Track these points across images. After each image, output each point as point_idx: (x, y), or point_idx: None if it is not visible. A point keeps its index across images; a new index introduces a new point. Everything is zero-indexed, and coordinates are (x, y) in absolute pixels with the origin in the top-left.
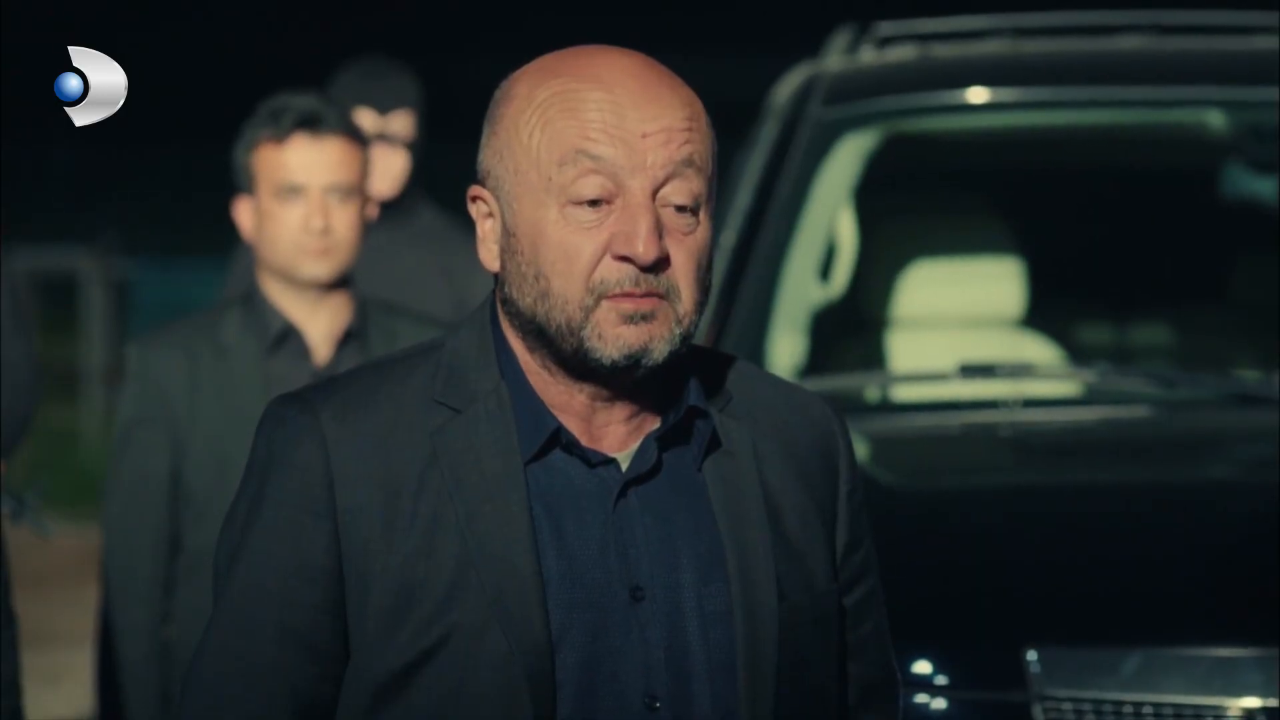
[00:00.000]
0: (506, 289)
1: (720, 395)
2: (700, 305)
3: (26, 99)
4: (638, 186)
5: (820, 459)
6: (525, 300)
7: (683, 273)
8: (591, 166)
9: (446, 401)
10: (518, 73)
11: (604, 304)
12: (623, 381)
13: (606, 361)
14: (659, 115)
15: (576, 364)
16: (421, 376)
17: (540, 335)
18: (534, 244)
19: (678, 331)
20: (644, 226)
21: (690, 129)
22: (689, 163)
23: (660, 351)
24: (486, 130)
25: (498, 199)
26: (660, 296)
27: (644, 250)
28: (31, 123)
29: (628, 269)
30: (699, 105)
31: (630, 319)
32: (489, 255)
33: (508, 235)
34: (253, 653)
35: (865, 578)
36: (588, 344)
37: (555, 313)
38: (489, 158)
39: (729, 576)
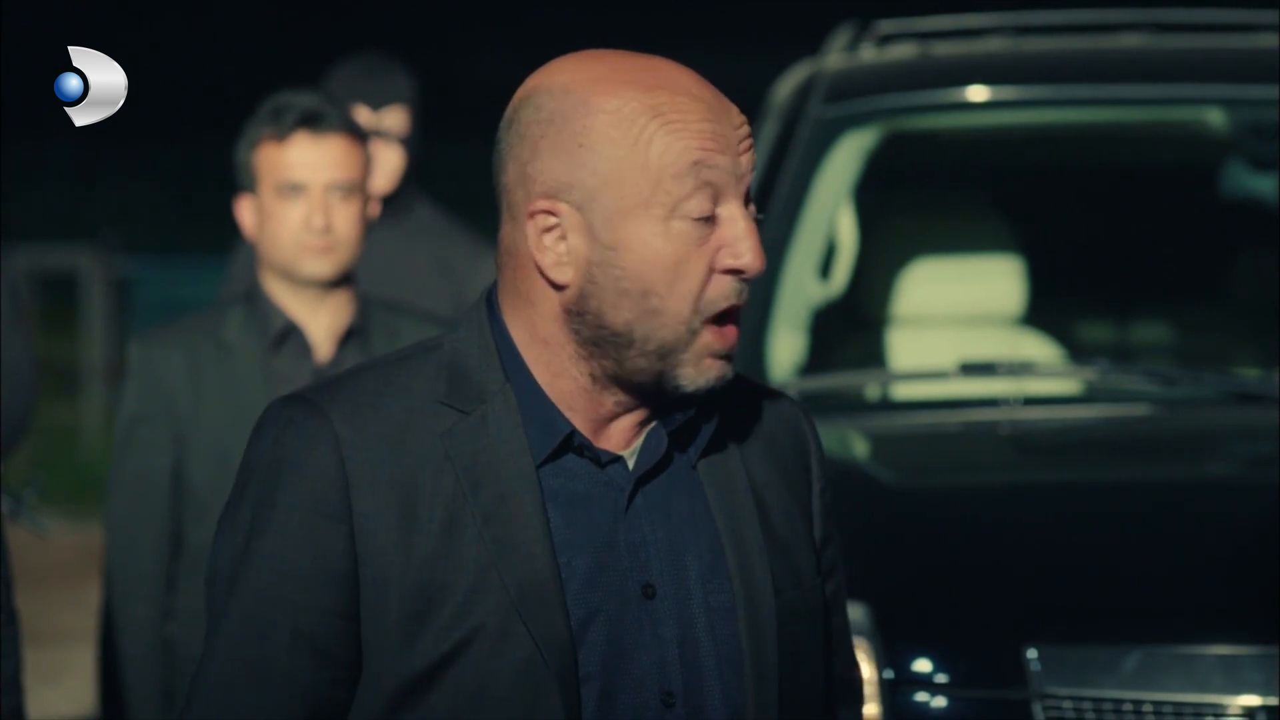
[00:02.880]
0: (586, 303)
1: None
2: None
3: (26, 97)
4: (737, 194)
5: (796, 456)
6: (620, 315)
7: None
8: (708, 177)
9: (452, 404)
10: (583, 83)
11: (706, 331)
12: (680, 402)
13: (690, 389)
14: (739, 120)
15: (648, 381)
16: (425, 378)
17: (622, 349)
18: (643, 259)
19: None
20: (755, 236)
21: (752, 135)
22: (754, 168)
23: (729, 378)
24: (558, 143)
25: (581, 212)
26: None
27: (754, 260)
28: (31, 120)
29: (733, 283)
30: None
31: (721, 355)
32: (559, 270)
33: (603, 249)
34: (265, 657)
35: (835, 573)
36: (679, 370)
37: (663, 331)
38: (567, 170)
39: (730, 573)
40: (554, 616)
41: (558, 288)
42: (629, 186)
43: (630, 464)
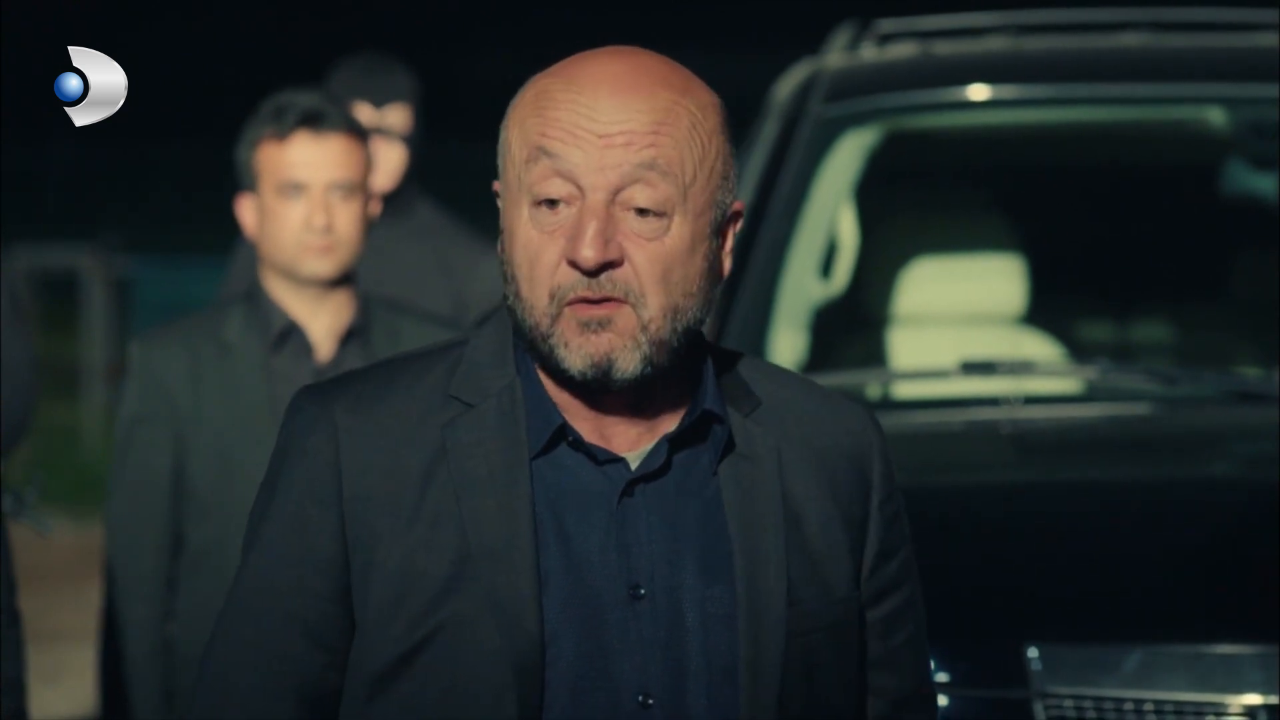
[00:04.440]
0: (503, 284)
1: (746, 399)
2: (675, 311)
3: (26, 97)
4: (592, 188)
5: (852, 468)
6: (510, 300)
7: (646, 277)
8: (551, 166)
9: (460, 396)
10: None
11: (565, 311)
12: (601, 390)
13: (574, 372)
14: (623, 118)
15: (553, 371)
16: (439, 372)
17: (521, 335)
18: (510, 244)
19: (644, 339)
20: (589, 230)
21: (657, 133)
22: (650, 166)
23: (627, 361)
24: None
25: (501, 194)
26: (619, 301)
27: (587, 254)
28: (31, 121)
29: (577, 274)
30: (682, 109)
31: (588, 326)
32: (499, 245)
33: (500, 232)
34: (262, 641)
35: (900, 588)
36: (557, 353)
37: (527, 317)
38: (498, 153)
39: (735, 579)
40: (525, 612)
41: None
42: (505, 171)
43: (634, 465)
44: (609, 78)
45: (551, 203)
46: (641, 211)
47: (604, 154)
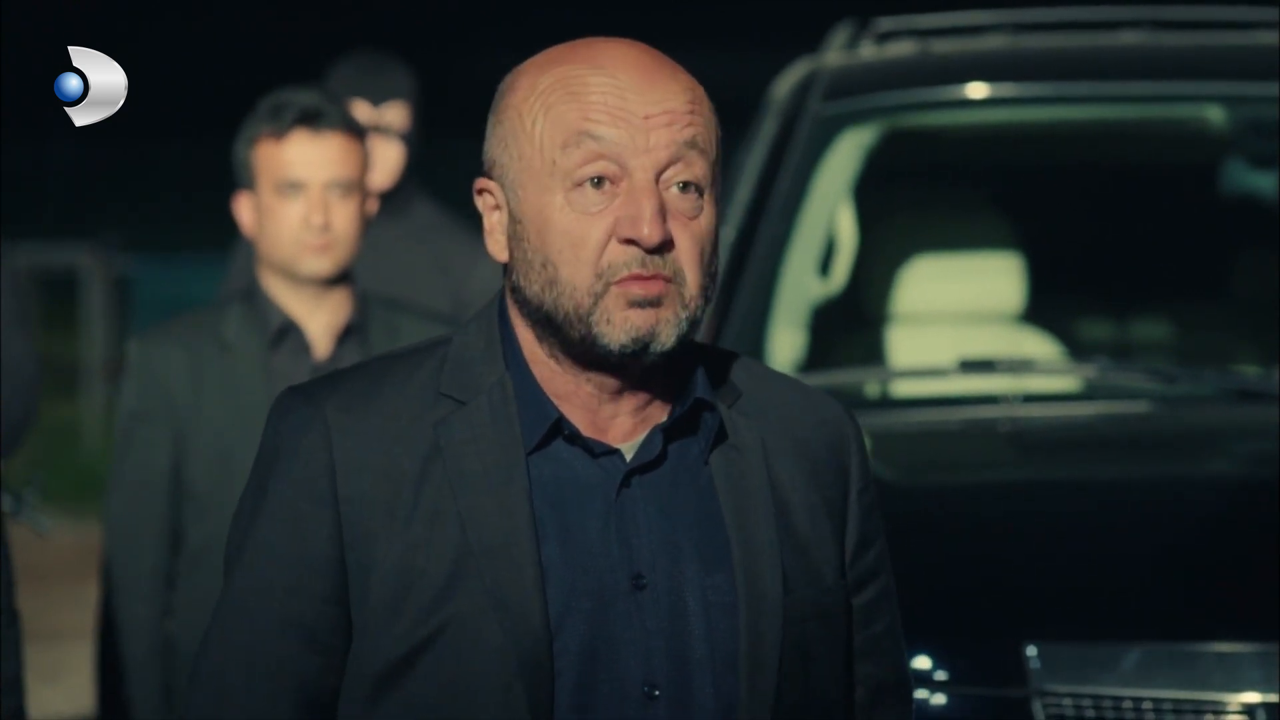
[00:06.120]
0: (515, 277)
1: (730, 392)
2: (705, 290)
3: (26, 97)
4: (640, 168)
5: (831, 458)
6: (533, 288)
7: (688, 257)
8: (595, 148)
9: (451, 393)
10: (521, 65)
11: (612, 289)
12: (630, 370)
13: (615, 347)
14: (662, 98)
15: (584, 352)
16: (428, 370)
17: (548, 323)
18: (540, 231)
19: (684, 316)
20: (649, 208)
21: (693, 112)
22: (692, 145)
23: (668, 336)
24: (490, 122)
25: (503, 188)
26: (667, 280)
27: (649, 232)
28: (31, 120)
29: (634, 252)
30: (700, 91)
31: (638, 303)
32: (497, 246)
33: (514, 223)
34: (257, 643)
35: (877, 578)
36: (596, 330)
37: (564, 300)
38: (493, 148)
39: (733, 568)
40: (529, 607)
41: (504, 268)
42: (527, 160)
43: (629, 456)
44: (635, 62)
45: (596, 182)
46: (684, 188)
47: (649, 134)
